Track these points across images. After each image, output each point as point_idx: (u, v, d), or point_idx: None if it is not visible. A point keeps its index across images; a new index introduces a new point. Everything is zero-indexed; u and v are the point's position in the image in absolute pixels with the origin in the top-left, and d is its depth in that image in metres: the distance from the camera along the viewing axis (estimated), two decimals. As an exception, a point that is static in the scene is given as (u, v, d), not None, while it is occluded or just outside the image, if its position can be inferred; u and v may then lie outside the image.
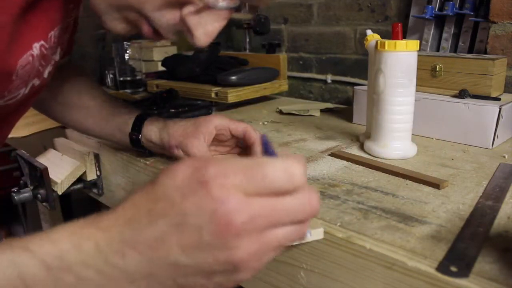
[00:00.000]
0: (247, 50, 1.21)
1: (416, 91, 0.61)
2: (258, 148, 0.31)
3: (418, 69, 0.60)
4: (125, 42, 1.25)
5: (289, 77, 1.18)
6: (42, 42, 0.45)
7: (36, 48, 0.45)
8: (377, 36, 0.66)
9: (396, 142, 0.61)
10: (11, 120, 0.56)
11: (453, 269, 0.33)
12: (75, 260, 0.28)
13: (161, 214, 0.28)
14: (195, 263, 0.28)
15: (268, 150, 0.33)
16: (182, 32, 0.42)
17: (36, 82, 0.50)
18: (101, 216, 0.29)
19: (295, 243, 0.39)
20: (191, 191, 0.27)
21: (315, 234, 0.40)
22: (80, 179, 0.75)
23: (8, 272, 0.27)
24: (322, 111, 0.96)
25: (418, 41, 0.60)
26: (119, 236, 0.28)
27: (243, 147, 0.61)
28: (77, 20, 0.58)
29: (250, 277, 0.29)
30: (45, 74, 0.51)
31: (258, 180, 0.28)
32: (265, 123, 0.87)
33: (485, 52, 0.81)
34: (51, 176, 0.70)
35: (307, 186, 0.30)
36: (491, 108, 0.65)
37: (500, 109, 0.64)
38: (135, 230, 0.28)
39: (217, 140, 0.60)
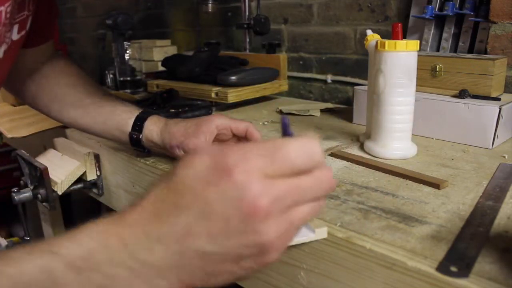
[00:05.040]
0: (247, 50, 1.21)
1: (416, 91, 0.61)
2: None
3: (418, 69, 0.60)
4: (125, 42, 1.25)
5: (289, 77, 1.18)
6: None
7: None
8: (377, 36, 0.66)
9: (396, 142, 0.61)
10: None
11: (453, 269, 0.33)
12: (103, 259, 0.28)
13: (186, 206, 0.28)
14: (223, 250, 0.28)
15: (286, 132, 0.33)
16: None
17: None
18: (125, 213, 0.30)
19: (298, 242, 0.39)
20: (214, 179, 0.27)
21: (319, 233, 0.40)
22: (80, 179, 0.75)
23: (42, 278, 0.27)
24: (322, 111, 0.96)
25: (418, 41, 0.60)
26: (145, 233, 0.28)
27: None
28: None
29: (279, 257, 0.30)
30: (0, 53, 0.50)
31: (279, 161, 0.28)
32: (265, 123, 0.87)
33: (485, 52, 0.81)
34: (51, 176, 0.70)
35: (324, 163, 0.30)
36: (491, 108, 0.65)
37: (500, 109, 0.64)
38: (161, 224, 0.28)
39: (218, 140, 0.60)
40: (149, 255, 0.28)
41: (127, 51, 1.27)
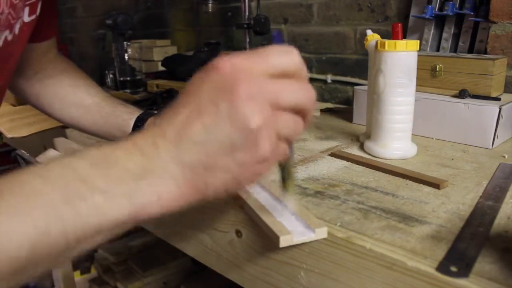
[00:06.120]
0: (247, 50, 1.21)
1: (416, 91, 0.61)
2: None
3: (418, 69, 0.60)
4: (125, 42, 1.25)
5: (289, 77, 1.18)
6: None
7: None
8: (377, 36, 0.66)
9: (396, 142, 0.61)
10: None
11: (453, 269, 0.33)
12: (120, 155, 0.31)
13: (183, 106, 0.32)
14: (216, 137, 0.30)
15: (275, 42, 0.36)
16: None
17: (9, 36, 0.50)
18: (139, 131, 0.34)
19: (298, 241, 0.39)
20: (206, 76, 0.32)
21: (319, 233, 0.40)
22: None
23: (66, 172, 0.30)
24: (322, 111, 0.96)
25: (418, 41, 0.60)
26: (152, 135, 0.32)
27: None
28: None
29: (271, 154, 0.31)
30: (16, 30, 0.51)
31: (262, 59, 0.32)
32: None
33: (485, 52, 0.81)
34: (51, 176, 0.70)
35: (306, 78, 0.33)
36: (491, 108, 0.65)
37: (500, 109, 0.64)
38: (163, 126, 0.32)
39: None
40: (155, 150, 0.31)
41: (127, 51, 1.27)
